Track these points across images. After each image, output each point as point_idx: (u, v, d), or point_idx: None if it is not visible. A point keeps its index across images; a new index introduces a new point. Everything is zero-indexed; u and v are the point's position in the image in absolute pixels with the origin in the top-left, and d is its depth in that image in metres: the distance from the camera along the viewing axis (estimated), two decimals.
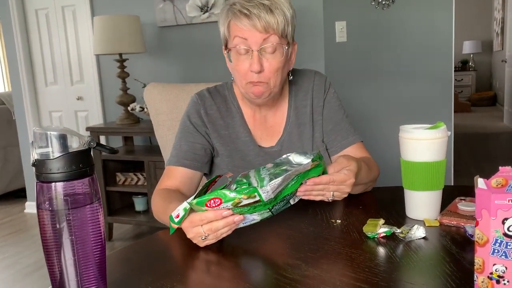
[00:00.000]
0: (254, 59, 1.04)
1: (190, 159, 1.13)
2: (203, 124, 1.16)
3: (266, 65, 1.05)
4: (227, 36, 1.09)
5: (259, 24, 1.01)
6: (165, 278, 0.72)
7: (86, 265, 0.60)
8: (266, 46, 1.03)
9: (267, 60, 1.05)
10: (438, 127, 0.90)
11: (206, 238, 0.80)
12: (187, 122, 1.17)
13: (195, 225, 0.80)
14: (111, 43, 2.81)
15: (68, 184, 0.57)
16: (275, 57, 1.05)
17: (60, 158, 0.56)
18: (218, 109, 1.18)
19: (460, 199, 0.97)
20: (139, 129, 2.91)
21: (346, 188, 0.94)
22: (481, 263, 0.60)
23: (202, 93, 1.20)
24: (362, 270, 0.71)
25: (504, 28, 7.35)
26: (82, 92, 3.53)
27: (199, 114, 1.17)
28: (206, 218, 0.79)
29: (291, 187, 0.84)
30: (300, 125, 1.18)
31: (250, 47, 1.04)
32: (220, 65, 3.09)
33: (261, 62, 1.04)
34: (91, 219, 0.59)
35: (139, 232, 3.22)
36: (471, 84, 9.08)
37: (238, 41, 1.04)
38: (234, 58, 1.08)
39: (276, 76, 1.07)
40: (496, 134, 5.96)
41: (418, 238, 0.81)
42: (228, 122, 1.18)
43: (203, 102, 1.18)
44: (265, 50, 1.04)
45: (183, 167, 1.12)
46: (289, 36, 1.07)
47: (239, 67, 1.07)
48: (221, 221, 0.79)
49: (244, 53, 1.05)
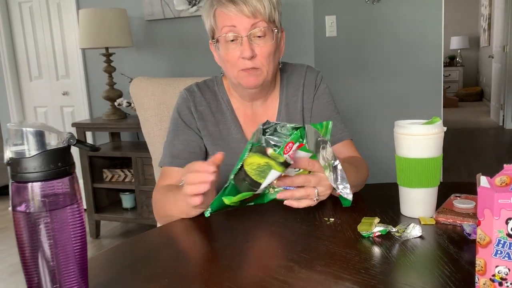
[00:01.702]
0: (245, 45, 1.01)
1: (185, 157, 1.09)
2: (194, 120, 1.12)
3: (257, 50, 1.02)
4: (214, 27, 1.05)
5: (246, 9, 0.99)
6: (152, 282, 0.69)
7: (67, 270, 0.56)
8: (255, 31, 1.01)
9: (258, 45, 1.02)
10: (434, 122, 0.88)
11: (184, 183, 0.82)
12: (178, 119, 1.13)
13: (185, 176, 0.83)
14: (97, 36, 2.74)
15: (45, 184, 0.53)
16: (265, 42, 1.03)
17: (36, 157, 0.52)
18: (208, 105, 1.14)
19: (456, 196, 0.95)
20: (126, 124, 2.86)
21: (326, 178, 0.85)
22: (482, 264, 0.57)
23: (191, 88, 1.16)
24: (358, 272, 0.68)
25: (491, 24, 7.40)
26: (68, 87, 3.46)
27: (189, 111, 1.13)
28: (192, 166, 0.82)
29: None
30: (290, 121, 1.15)
31: (239, 33, 1.01)
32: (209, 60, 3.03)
33: (252, 47, 1.01)
34: (72, 221, 0.55)
35: (127, 229, 3.17)
36: (458, 80, 9.14)
37: (226, 30, 1.02)
38: (223, 48, 1.04)
39: (269, 62, 1.04)
40: (483, 129, 6.00)
41: (414, 237, 0.79)
42: (218, 118, 1.14)
43: (193, 97, 1.14)
44: (255, 35, 1.02)
45: (179, 167, 1.08)
46: (277, 21, 1.06)
47: (229, 56, 1.04)
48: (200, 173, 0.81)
49: (233, 40, 1.02)
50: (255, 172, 0.76)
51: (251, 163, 0.75)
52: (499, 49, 6.20)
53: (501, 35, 6.08)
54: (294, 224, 0.88)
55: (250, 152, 0.75)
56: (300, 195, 0.84)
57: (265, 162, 0.75)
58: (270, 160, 0.75)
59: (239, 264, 0.74)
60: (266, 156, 0.75)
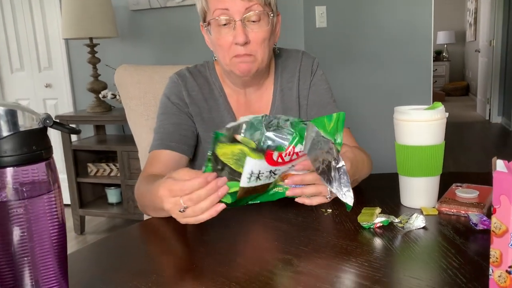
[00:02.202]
0: (238, 29, 0.94)
1: (176, 141, 1.02)
2: (186, 105, 1.06)
3: (251, 36, 0.96)
4: (206, 8, 0.99)
5: None
6: (139, 277, 0.63)
7: (44, 266, 0.50)
8: (250, 15, 0.94)
9: (252, 30, 0.96)
10: (435, 107, 0.84)
11: (184, 210, 0.69)
12: (168, 103, 1.06)
13: (174, 195, 0.69)
14: (81, 26, 2.65)
15: (18, 169, 0.47)
16: (260, 27, 0.96)
17: (8, 139, 0.46)
18: (201, 90, 1.08)
19: (457, 186, 0.91)
20: (112, 117, 2.78)
21: None
22: (498, 255, 0.53)
23: (183, 73, 1.09)
24: (360, 265, 0.63)
25: (477, 19, 7.43)
26: (51, 79, 3.36)
27: (181, 96, 1.06)
28: (189, 188, 0.67)
29: None
30: (286, 110, 1.10)
31: (232, 17, 0.94)
32: (197, 51, 2.97)
33: (245, 32, 0.95)
34: (49, 211, 0.50)
35: (112, 225, 3.10)
36: (445, 74, 9.19)
37: (218, 13, 0.95)
38: (215, 32, 0.98)
39: (263, 48, 0.98)
40: (469, 123, 6.03)
41: (417, 228, 0.75)
42: (211, 105, 1.08)
43: (185, 82, 1.07)
44: (249, 19, 0.95)
45: (169, 150, 1.01)
46: (273, 4, 0.99)
47: (221, 41, 0.97)
48: (203, 189, 0.67)
49: (226, 24, 0.95)
50: (232, 161, 0.69)
51: (225, 153, 0.68)
52: (486, 44, 6.23)
53: (488, 30, 6.10)
54: (290, 216, 0.83)
55: (219, 143, 0.68)
56: (311, 192, 0.79)
57: (239, 149, 0.68)
58: (243, 147, 0.68)
59: (233, 258, 0.69)
60: (237, 143, 0.68)
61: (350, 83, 2.94)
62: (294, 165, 0.76)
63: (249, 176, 0.70)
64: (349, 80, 2.94)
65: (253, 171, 0.70)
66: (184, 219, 0.71)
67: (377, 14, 2.85)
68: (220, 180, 0.68)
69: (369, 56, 2.91)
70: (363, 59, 2.92)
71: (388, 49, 2.88)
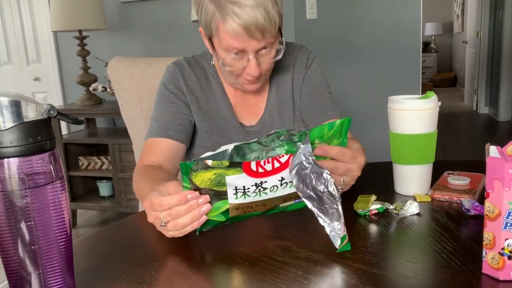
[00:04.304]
0: (252, 63, 0.93)
1: (175, 130, 1.02)
2: (183, 94, 1.05)
3: (263, 66, 0.96)
4: (213, 34, 0.93)
5: (258, 35, 0.88)
6: (141, 266, 0.64)
7: (49, 254, 0.51)
8: (264, 51, 0.93)
9: (264, 59, 0.95)
10: (428, 96, 0.86)
11: (165, 225, 0.67)
12: (165, 91, 1.05)
13: (155, 209, 0.68)
14: (70, 19, 2.63)
15: (24, 160, 0.48)
16: (271, 51, 0.95)
17: (13, 129, 0.47)
18: (198, 81, 1.07)
19: (449, 173, 0.93)
20: (102, 110, 2.77)
21: (356, 169, 0.75)
22: (491, 238, 0.55)
23: (180, 63, 1.09)
24: (358, 250, 0.65)
25: (464, 10, 7.49)
26: (39, 72, 3.32)
27: (178, 85, 1.06)
28: (167, 204, 0.65)
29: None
30: (280, 103, 1.10)
31: (246, 53, 0.92)
32: (186, 43, 2.96)
33: (258, 64, 0.94)
34: (53, 200, 0.50)
35: (104, 218, 3.10)
36: (432, 66, 9.26)
37: (231, 48, 0.91)
38: (223, 54, 0.94)
39: (271, 67, 1.00)
40: (457, 114, 6.10)
41: (412, 214, 0.77)
42: (208, 95, 1.08)
43: (182, 72, 1.07)
44: (261, 51, 0.93)
45: (168, 139, 1.00)
46: (280, 25, 0.95)
47: (231, 66, 0.95)
48: (183, 206, 0.65)
49: (237, 53, 0.93)
50: (213, 185, 0.65)
51: (203, 180, 0.65)
52: (473, 35, 6.29)
53: (475, 21, 6.16)
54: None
55: (194, 172, 0.64)
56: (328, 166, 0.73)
57: (214, 173, 0.64)
58: (217, 170, 0.64)
59: (232, 246, 0.70)
60: (210, 169, 0.64)
61: (340, 74, 2.96)
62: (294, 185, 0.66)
63: (235, 192, 0.66)
64: (340, 71, 2.96)
65: (237, 187, 0.66)
66: (168, 233, 0.69)
67: (367, 5, 2.86)
68: (202, 197, 0.65)
69: (359, 48, 2.93)
70: (353, 51, 2.94)
71: (378, 41, 2.90)
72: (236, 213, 0.69)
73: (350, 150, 0.73)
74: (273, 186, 0.67)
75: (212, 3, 0.88)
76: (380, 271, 0.59)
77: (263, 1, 0.86)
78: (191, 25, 2.86)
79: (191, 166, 0.63)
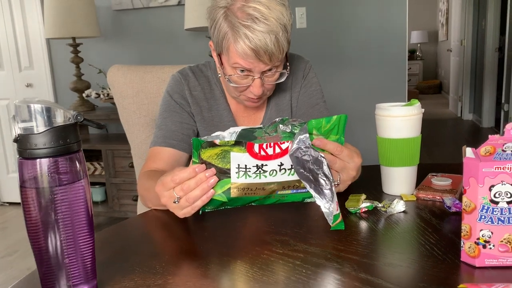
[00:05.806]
0: (256, 84, 0.99)
1: (178, 139, 1.07)
2: (188, 104, 1.11)
3: (266, 86, 1.02)
4: (223, 49, 0.98)
5: (266, 59, 0.94)
6: (153, 259, 0.70)
7: (76, 245, 0.57)
8: (270, 73, 1.00)
9: (268, 80, 1.01)
10: (412, 104, 0.93)
11: (178, 201, 0.75)
12: (171, 101, 1.11)
13: (167, 188, 0.75)
14: (64, 26, 2.67)
15: (54, 160, 0.53)
16: (274, 75, 1.02)
17: (45, 133, 0.53)
18: (203, 90, 1.13)
19: (432, 175, 1.01)
20: (95, 116, 2.81)
21: (352, 168, 0.82)
22: (468, 229, 0.62)
23: (185, 72, 1.14)
24: (350, 243, 0.72)
25: (448, 19, 7.68)
26: (32, 79, 3.35)
27: (183, 94, 1.11)
28: (178, 177, 0.73)
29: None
30: (279, 112, 1.17)
31: (252, 73, 0.98)
32: (179, 51, 3.02)
33: (262, 85, 1.00)
34: (79, 197, 0.56)
35: (97, 223, 3.12)
36: (418, 73, 9.45)
37: (238, 66, 0.98)
38: (229, 70, 1.00)
39: (273, 88, 1.07)
40: (442, 120, 6.25)
41: (398, 211, 0.83)
42: (211, 104, 1.13)
43: (187, 81, 1.12)
44: (267, 72, 1.00)
45: (171, 148, 1.06)
46: (287, 48, 0.99)
47: (237, 85, 1.01)
48: (193, 179, 0.73)
49: (243, 70, 0.99)
50: (218, 160, 0.74)
51: (210, 156, 0.74)
52: (457, 43, 6.45)
53: (459, 30, 6.33)
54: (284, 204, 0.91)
55: (202, 149, 0.73)
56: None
57: (220, 149, 0.74)
58: (223, 147, 0.74)
59: (234, 240, 0.76)
60: (217, 146, 0.73)
61: (329, 82, 3.04)
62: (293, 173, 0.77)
63: (237, 170, 0.75)
64: (329, 79, 3.04)
65: (240, 165, 0.74)
66: (181, 212, 0.76)
67: (355, 14, 2.95)
68: (208, 171, 0.73)
69: (348, 56, 3.02)
70: (341, 59, 3.03)
71: (365, 49, 2.99)
72: (237, 194, 0.76)
73: (347, 149, 0.81)
74: (273, 170, 0.76)
75: (226, 23, 0.94)
76: (370, 261, 0.65)
77: (275, 28, 0.92)
78: (184, 33, 2.92)
79: (202, 142, 0.73)
